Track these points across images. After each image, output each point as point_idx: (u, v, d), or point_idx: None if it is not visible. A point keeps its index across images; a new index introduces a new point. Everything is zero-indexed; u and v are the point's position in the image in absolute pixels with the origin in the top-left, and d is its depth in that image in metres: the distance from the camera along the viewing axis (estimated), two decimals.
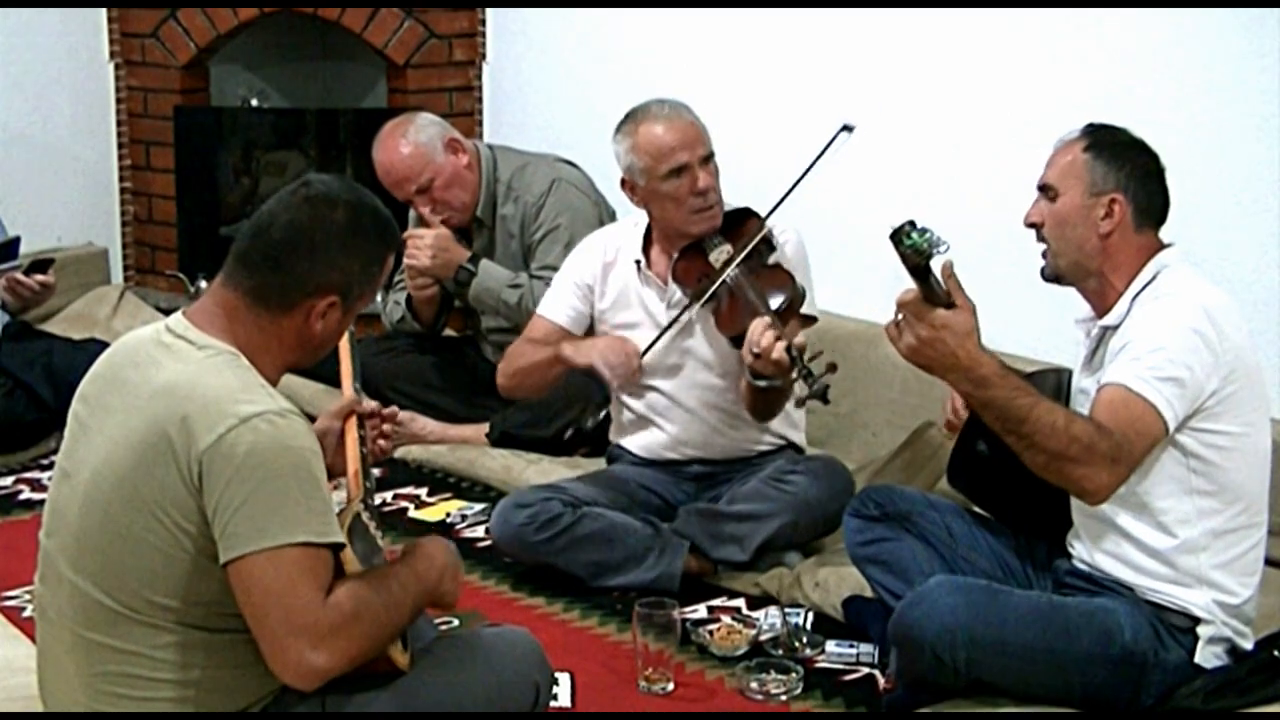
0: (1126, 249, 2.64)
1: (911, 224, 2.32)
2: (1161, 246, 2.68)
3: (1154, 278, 2.61)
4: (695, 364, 3.37)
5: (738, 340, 3.13)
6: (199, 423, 1.98)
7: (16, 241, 4.19)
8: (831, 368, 2.98)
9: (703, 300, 3.25)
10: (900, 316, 2.48)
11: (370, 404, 2.46)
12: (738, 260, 3.22)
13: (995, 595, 2.57)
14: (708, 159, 3.29)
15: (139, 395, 2.05)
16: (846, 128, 3.21)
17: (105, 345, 3.87)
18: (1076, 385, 2.74)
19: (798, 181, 3.25)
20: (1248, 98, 3.28)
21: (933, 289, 2.42)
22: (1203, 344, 2.51)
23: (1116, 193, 2.63)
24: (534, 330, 3.54)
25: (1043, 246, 2.70)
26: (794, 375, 2.97)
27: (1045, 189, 2.69)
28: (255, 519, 1.95)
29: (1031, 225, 2.71)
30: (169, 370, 2.05)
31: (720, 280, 3.22)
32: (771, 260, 3.29)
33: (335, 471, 2.39)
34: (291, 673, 1.97)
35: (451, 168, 4.03)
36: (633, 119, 3.34)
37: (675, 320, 3.33)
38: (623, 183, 3.38)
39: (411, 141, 4.02)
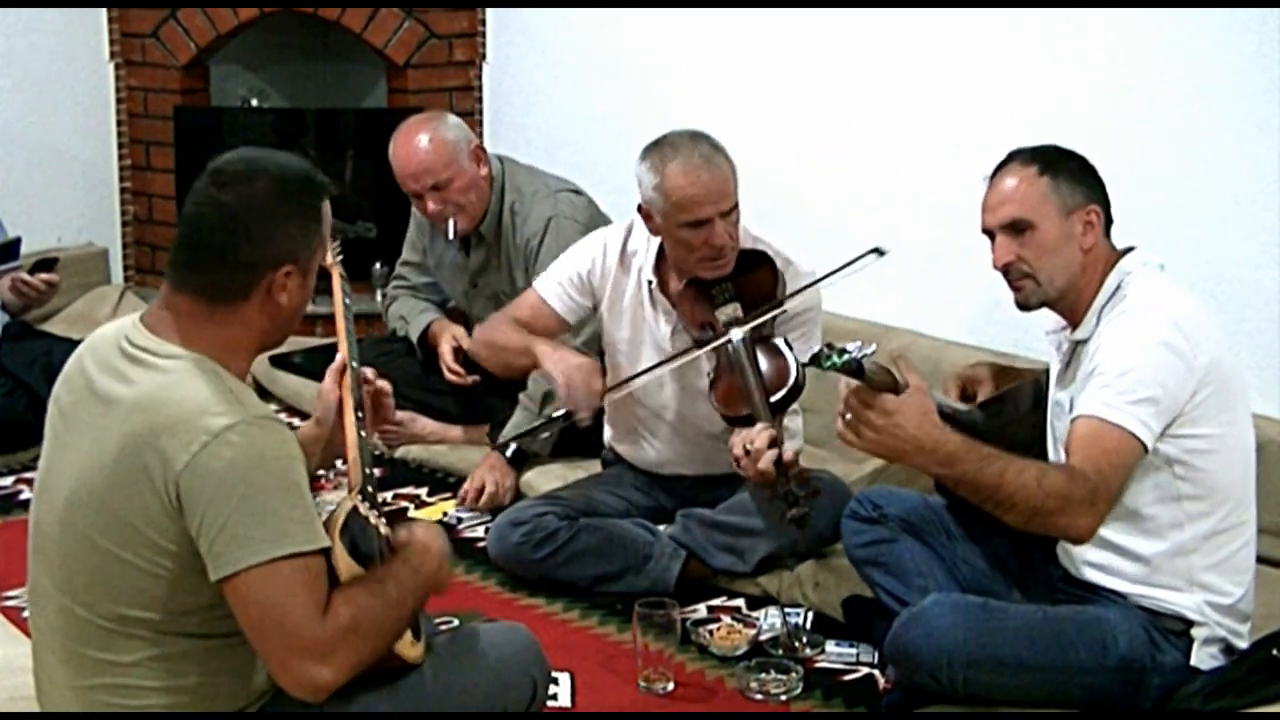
0: (1099, 258, 2.65)
1: (829, 346, 2.31)
2: (1119, 252, 2.67)
3: (1118, 287, 2.61)
4: (690, 392, 3.32)
5: (730, 420, 3.08)
6: (171, 443, 1.94)
7: (17, 242, 4.19)
8: (815, 493, 2.91)
9: (701, 354, 3.16)
10: (849, 415, 2.41)
11: (371, 376, 2.45)
12: (744, 331, 3.07)
13: (991, 613, 2.57)
14: (730, 211, 3.13)
15: (108, 412, 2.02)
16: (878, 251, 3.07)
17: None
18: (1052, 397, 2.73)
19: (821, 279, 3.16)
20: (1248, 97, 3.28)
21: (876, 382, 2.39)
22: (1174, 356, 2.50)
23: (1090, 204, 2.64)
24: (522, 306, 3.44)
25: (1022, 283, 2.67)
26: (777, 489, 2.89)
27: (1014, 225, 2.65)
28: (240, 536, 1.93)
29: (1004, 267, 2.67)
30: (137, 385, 2.01)
31: (722, 345, 3.10)
32: (778, 332, 3.16)
33: (336, 451, 2.38)
34: (298, 689, 1.97)
35: (473, 174, 3.95)
36: (662, 154, 3.15)
37: (654, 366, 3.24)
38: (639, 208, 3.24)
39: (440, 137, 3.93)
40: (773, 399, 3.01)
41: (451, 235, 4.00)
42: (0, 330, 4.20)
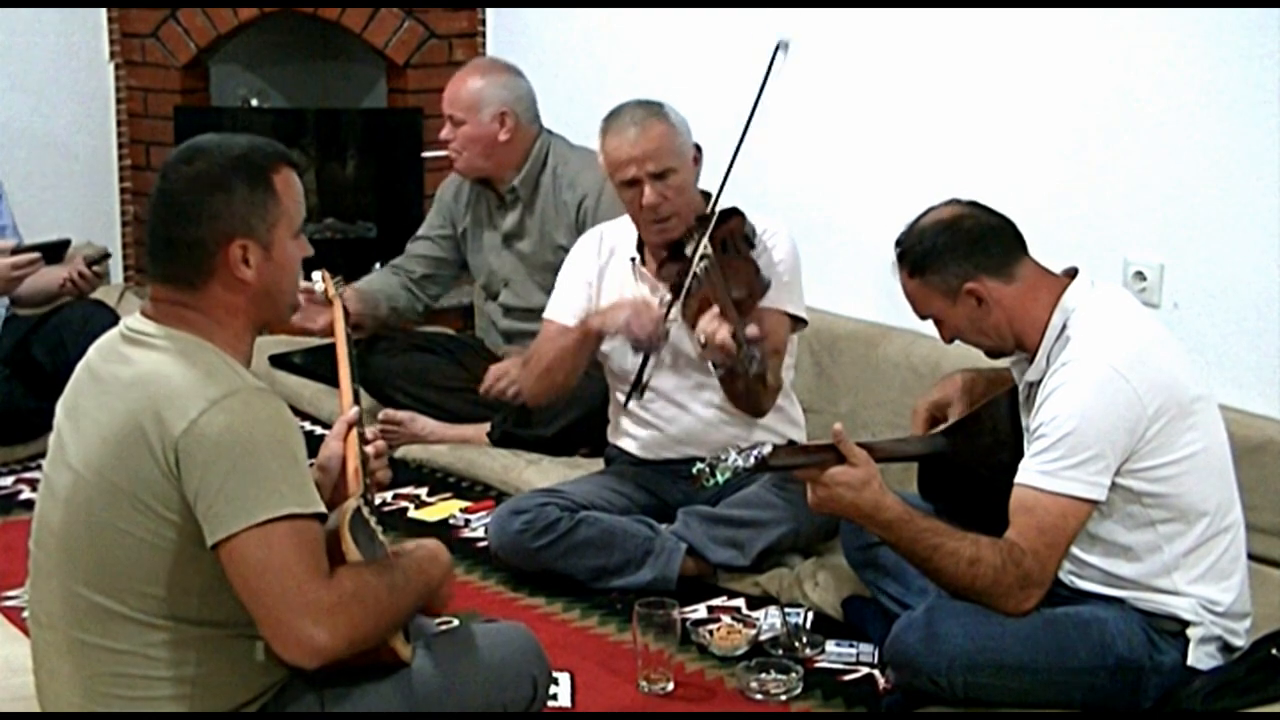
0: (1020, 304, 2.65)
1: (710, 466, 2.50)
2: (1061, 279, 2.67)
3: (1063, 328, 2.61)
4: (688, 361, 3.36)
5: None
6: (170, 410, 1.97)
7: (67, 244, 4.21)
8: (776, 352, 3.09)
9: (682, 292, 3.22)
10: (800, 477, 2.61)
11: (379, 442, 2.43)
12: (705, 250, 3.17)
13: (989, 617, 2.56)
14: (662, 175, 3.26)
15: (110, 392, 2.06)
16: (782, 46, 3.18)
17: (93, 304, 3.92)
18: (1023, 421, 2.71)
19: (749, 120, 3.24)
20: (1248, 97, 3.28)
21: (797, 464, 2.56)
22: (1117, 405, 2.50)
23: (967, 283, 2.65)
24: (547, 333, 3.52)
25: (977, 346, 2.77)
26: (739, 363, 2.97)
27: (926, 319, 2.77)
28: (236, 498, 1.94)
29: (951, 341, 2.77)
30: (136, 364, 2.06)
31: (690, 273, 3.20)
32: (745, 255, 3.26)
33: (339, 501, 2.35)
34: (292, 649, 1.95)
35: (484, 131, 4.08)
36: (607, 120, 3.38)
37: (675, 299, 3.28)
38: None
39: (478, 86, 4.10)
40: (733, 294, 3.11)
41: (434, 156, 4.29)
42: (1, 324, 4.19)
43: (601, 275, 3.50)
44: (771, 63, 3.17)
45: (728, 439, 3.30)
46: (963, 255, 2.65)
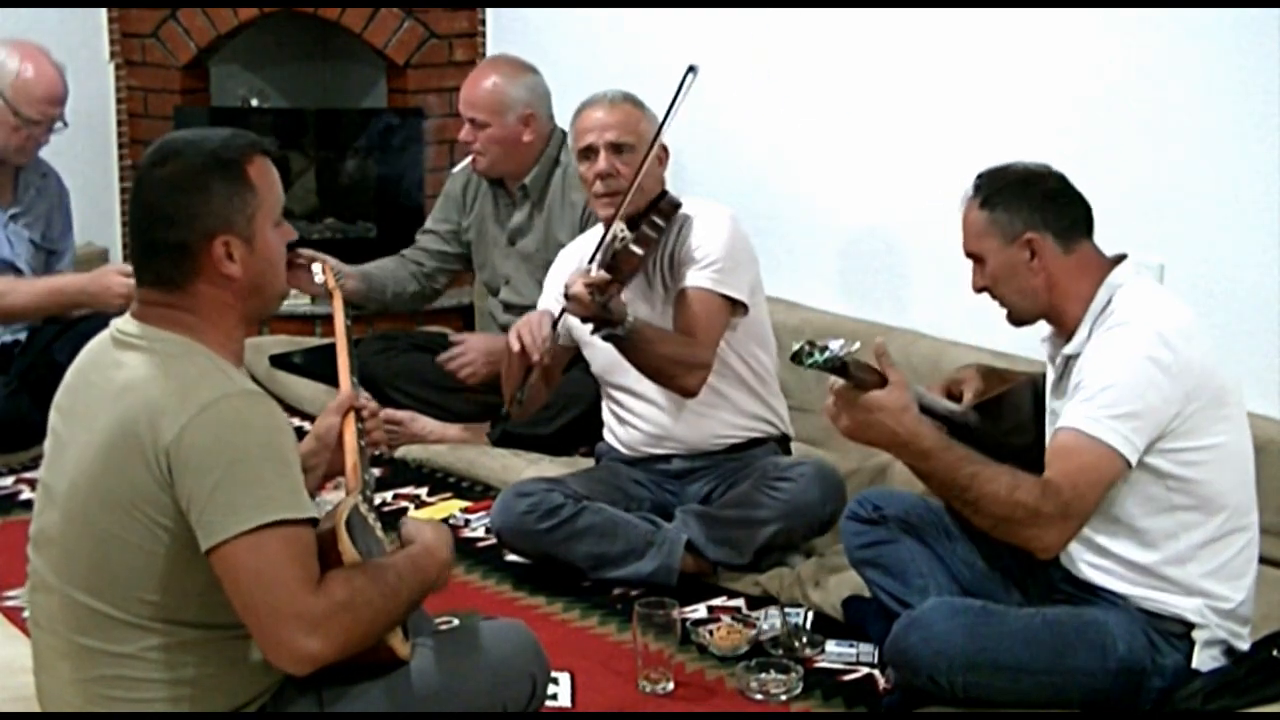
0: (1068, 276, 2.64)
1: (810, 344, 2.40)
2: (1110, 262, 2.67)
3: (1109, 301, 2.61)
4: None
5: None
6: (161, 417, 1.98)
7: None
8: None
9: (596, 262, 3.23)
10: (833, 402, 2.55)
11: (371, 403, 2.45)
12: (622, 233, 3.22)
13: (990, 617, 2.56)
14: (619, 148, 3.36)
15: (103, 398, 2.06)
16: (692, 70, 3.28)
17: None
18: (1048, 405, 2.72)
19: (658, 132, 3.32)
20: (1247, 97, 3.28)
21: (860, 378, 2.49)
22: (1159, 371, 2.50)
23: (1029, 231, 2.64)
24: None
25: (1002, 305, 2.74)
26: (598, 313, 3.07)
27: (971, 256, 2.73)
28: (227, 504, 1.95)
29: (980, 290, 2.74)
30: (128, 369, 2.05)
31: (611, 250, 3.22)
32: (656, 226, 3.28)
33: (335, 470, 2.39)
34: (285, 659, 1.97)
35: (509, 133, 4.10)
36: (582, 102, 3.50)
37: (559, 318, 3.35)
38: None
39: (502, 86, 4.12)
40: (617, 249, 3.20)
41: (456, 168, 4.34)
42: (27, 337, 4.18)
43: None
44: (682, 82, 3.27)
45: (707, 433, 3.39)
46: (1036, 206, 2.66)
